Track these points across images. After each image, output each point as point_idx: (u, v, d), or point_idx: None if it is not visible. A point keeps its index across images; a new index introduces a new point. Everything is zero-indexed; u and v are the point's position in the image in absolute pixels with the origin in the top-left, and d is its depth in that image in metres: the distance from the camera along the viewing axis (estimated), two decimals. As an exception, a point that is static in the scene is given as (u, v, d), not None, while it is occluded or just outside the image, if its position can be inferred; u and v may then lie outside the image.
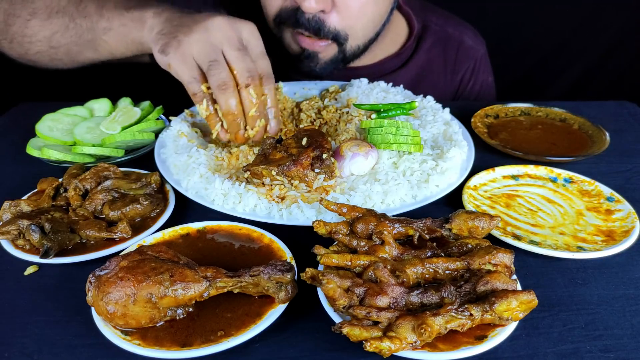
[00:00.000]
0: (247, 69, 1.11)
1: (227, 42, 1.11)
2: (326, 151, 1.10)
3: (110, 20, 1.25)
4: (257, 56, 1.15)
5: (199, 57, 1.11)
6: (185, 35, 1.10)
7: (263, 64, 1.15)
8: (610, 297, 0.89)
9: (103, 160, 1.23)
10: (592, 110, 1.56)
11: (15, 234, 0.95)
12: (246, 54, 1.12)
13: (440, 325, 0.73)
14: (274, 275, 0.80)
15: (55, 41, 1.33)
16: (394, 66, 1.75)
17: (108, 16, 1.26)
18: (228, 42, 1.11)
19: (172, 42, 1.11)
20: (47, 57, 1.37)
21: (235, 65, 1.11)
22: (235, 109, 1.13)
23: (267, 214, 1.03)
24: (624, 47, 2.64)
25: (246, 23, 1.15)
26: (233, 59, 1.11)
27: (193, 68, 1.12)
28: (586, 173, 1.21)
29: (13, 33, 1.35)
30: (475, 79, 1.84)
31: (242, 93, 1.13)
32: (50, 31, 1.32)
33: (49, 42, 1.33)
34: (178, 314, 0.80)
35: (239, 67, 1.11)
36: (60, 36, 1.32)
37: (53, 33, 1.32)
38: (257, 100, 1.14)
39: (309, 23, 1.38)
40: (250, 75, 1.12)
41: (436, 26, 1.78)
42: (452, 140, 1.24)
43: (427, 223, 0.92)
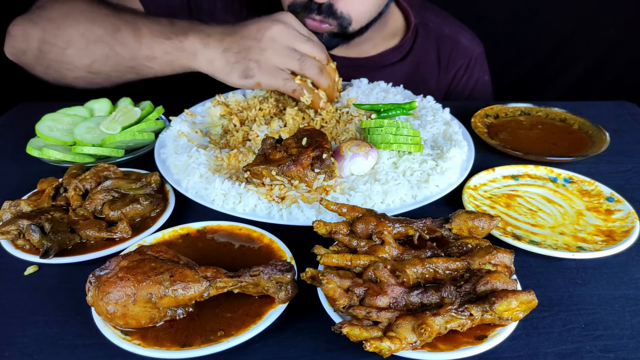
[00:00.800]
0: (322, 51, 1.31)
1: (295, 40, 1.26)
2: (326, 151, 1.10)
3: (152, 49, 1.26)
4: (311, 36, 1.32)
5: (284, 65, 1.25)
6: (260, 55, 1.23)
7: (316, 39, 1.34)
8: (610, 297, 0.89)
9: (103, 160, 1.23)
10: (592, 110, 1.56)
11: (15, 234, 0.95)
12: (314, 41, 1.30)
13: (440, 325, 0.73)
14: (274, 275, 0.80)
15: (96, 69, 1.34)
16: (394, 59, 1.78)
17: (148, 45, 1.27)
18: (296, 40, 1.26)
19: (251, 64, 1.22)
20: (85, 81, 1.38)
21: (314, 54, 1.29)
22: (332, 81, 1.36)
23: (267, 214, 1.03)
24: (624, 47, 2.64)
25: (285, 15, 1.29)
26: (309, 50, 1.28)
27: (282, 74, 1.26)
28: (586, 173, 1.21)
29: (49, 60, 1.35)
30: (469, 75, 1.86)
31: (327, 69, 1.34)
32: (89, 59, 1.32)
33: (88, 69, 1.34)
34: (178, 314, 0.80)
35: (317, 53, 1.30)
36: (100, 65, 1.32)
37: (93, 62, 1.32)
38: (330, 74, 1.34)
39: (321, 9, 1.49)
40: (325, 55, 1.33)
41: (433, 24, 1.82)
42: (452, 140, 1.24)
43: (427, 223, 0.92)
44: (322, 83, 1.32)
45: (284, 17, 1.28)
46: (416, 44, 1.79)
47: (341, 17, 1.49)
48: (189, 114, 1.39)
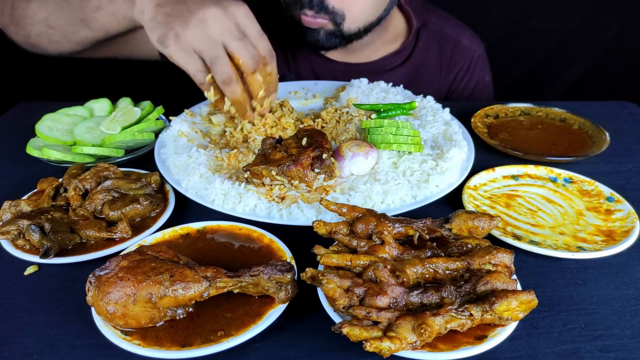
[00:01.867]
0: (251, 56, 1.15)
1: (227, 33, 1.12)
2: (326, 151, 1.10)
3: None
4: (255, 38, 1.17)
5: (200, 51, 1.13)
6: (182, 29, 1.11)
7: (263, 44, 1.18)
8: (610, 297, 0.89)
9: (103, 160, 1.23)
10: (592, 110, 1.56)
11: (15, 234, 0.95)
12: (247, 41, 1.14)
13: (440, 325, 0.73)
14: (274, 275, 0.80)
15: (52, 21, 1.34)
16: (394, 63, 1.78)
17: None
18: (228, 33, 1.12)
19: (170, 34, 1.12)
20: (46, 39, 1.39)
21: (239, 55, 1.14)
22: (240, 97, 1.19)
23: (267, 214, 1.03)
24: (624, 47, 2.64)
25: (239, 6, 1.16)
26: (236, 50, 1.13)
27: (196, 61, 1.14)
28: (586, 173, 1.21)
29: (18, 16, 1.38)
30: (470, 76, 1.86)
31: (248, 79, 1.18)
32: (47, 12, 1.34)
33: (46, 22, 1.35)
34: (178, 314, 0.80)
35: (243, 56, 1.14)
36: (56, 16, 1.33)
37: (50, 13, 1.33)
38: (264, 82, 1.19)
39: (312, 3, 1.47)
40: (254, 61, 1.16)
41: (435, 25, 1.81)
42: (452, 140, 1.24)
43: (427, 223, 0.92)
44: (225, 92, 1.17)
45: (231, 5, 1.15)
46: (417, 47, 1.79)
47: (333, 12, 1.49)
48: (189, 114, 1.39)
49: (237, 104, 1.21)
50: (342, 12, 1.50)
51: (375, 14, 1.57)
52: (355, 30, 1.56)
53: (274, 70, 1.23)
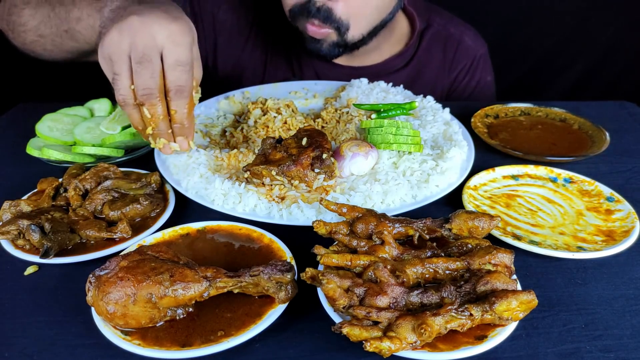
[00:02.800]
0: (142, 86, 1.01)
1: (133, 50, 1.00)
2: (326, 151, 1.10)
3: (81, 10, 1.22)
4: (169, 67, 1.02)
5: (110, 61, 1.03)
6: (105, 35, 1.03)
7: (173, 76, 1.02)
8: (610, 297, 0.89)
9: (103, 160, 1.23)
10: (592, 110, 1.56)
11: (15, 234, 0.95)
12: (146, 67, 1.00)
13: (440, 325, 0.73)
14: (274, 275, 0.80)
15: (41, 31, 1.32)
16: (398, 65, 1.78)
17: (79, 5, 1.22)
18: (133, 50, 1.00)
19: (101, 39, 1.05)
20: (39, 47, 1.37)
21: (134, 79, 1.02)
22: (138, 124, 1.08)
23: (267, 214, 1.03)
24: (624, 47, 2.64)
25: (167, 24, 1.01)
26: (133, 72, 1.02)
27: (109, 71, 1.05)
28: (586, 173, 1.21)
29: (12, 22, 1.37)
30: (471, 76, 1.85)
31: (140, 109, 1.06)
32: (37, 21, 1.32)
33: (36, 31, 1.33)
34: (178, 314, 0.80)
35: (135, 83, 1.02)
36: (44, 26, 1.31)
37: (39, 22, 1.32)
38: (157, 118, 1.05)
39: (319, 12, 1.45)
40: (144, 93, 1.02)
41: (439, 25, 1.81)
42: (452, 140, 1.24)
43: (427, 223, 0.92)
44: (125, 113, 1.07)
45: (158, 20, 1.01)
46: (420, 48, 1.79)
47: (339, 21, 1.47)
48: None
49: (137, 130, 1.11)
50: (347, 22, 1.48)
51: (379, 18, 1.56)
52: (359, 37, 1.55)
53: (179, 109, 1.06)
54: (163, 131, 1.08)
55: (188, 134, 1.11)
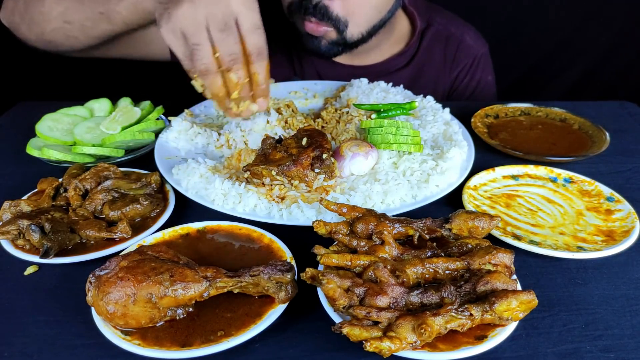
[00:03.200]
0: (228, 52, 1.06)
1: (212, 19, 1.03)
2: (326, 151, 1.10)
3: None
4: (247, 31, 1.07)
5: (186, 34, 1.06)
6: (174, 8, 1.05)
7: (252, 40, 1.07)
8: (610, 297, 0.89)
9: (103, 160, 1.23)
10: (592, 110, 1.56)
11: (15, 234, 0.95)
12: (230, 34, 1.05)
13: (440, 325, 0.73)
14: (274, 275, 0.80)
15: (69, 16, 1.33)
16: (399, 64, 1.78)
17: None
18: (213, 20, 1.03)
19: (164, 13, 1.07)
20: (62, 34, 1.37)
21: (218, 47, 1.05)
22: (219, 91, 1.11)
23: (267, 214, 1.03)
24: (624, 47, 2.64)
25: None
26: (216, 41, 1.05)
27: (184, 44, 1.07)
28: (586, 173, 1.21)
29: (31, 13, 1.37)
30: (472, 76, 1.85)
31: (226, 76, 1.10)
32: (63, 6, 1.32)
33: (63, 17, 1.33)
34: (178, 314, 0.80)
35: (221, 50, 1.05)
36: (73, 11, 1.32)
37: (66, 8, 1.32)
38: (242, 81, 1.10)
39: (315, 9, 1.44)
40: (231, 59, 1.07)
41: (439, 25, 1.81)
42: (452, 140, 1.24)
43: (427, 223, 0.92)
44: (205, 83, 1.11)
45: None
46: (421, 47, 1.78)
47: (337, 19, 1.47)
48: (189, 114, 1.39)
49: (216, 98, 1.14)
50: (345, 19, 1.48)
51: (378, 17, 1.56)
52: (358, 36, 1.55)
53: (260, 71, 1.11)
54: (246, 94, 1.13)
55: (266, 95, 1.16)
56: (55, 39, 1.39)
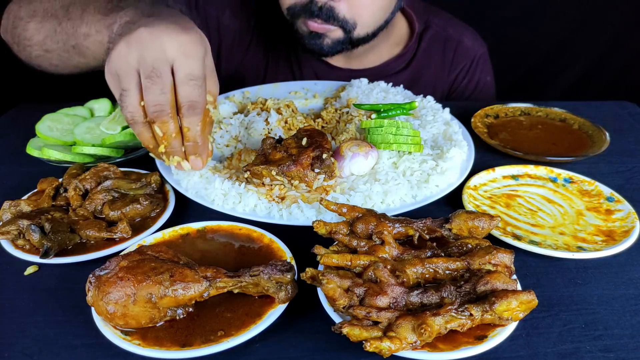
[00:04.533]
0: (152, 103, 0.95)
1: (142, 65, 0.95)
2: (326, 151, 1.10)
3: (89, 26, 1.16)
4: (180, 81, 0.96)
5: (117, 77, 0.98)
6: (112, 50, 0.98)
7: (185, 91, 0.96)
8: (610, 297, 0.89)
9: (103, 160, 1.23)
10: (592, 110, 1.56)
11: (15, 234, 0.95)
12: (156, 82, 0.94)
13: (440, 325, 0.73)
14: (274, 275, 0.80)
15: (47, 45, 1.28)
16: (397, 67, 1.77)
17: (87, 20, 1.17)
18: (142, 65, 0.95)
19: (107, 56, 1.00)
20: (45, 61, 1.33)
21: (144, 95, 0.96)
22: (149, 143, 1.02)
23: (267, 214, 1.03)
24: (624, 47, 2.64)
25: (176, 36, 0.95)
26: (143, 88, 0.96)
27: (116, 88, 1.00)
28: (586, 173, 1.21)
29: (17, 35, 1.34)
30: (470, 77, 1.85)
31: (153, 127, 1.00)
32: (43, 35, 1.27)
33: (42, 46, 1.29)
34: (178, 314, 0.80)
35: (145, 99, 0.96)
36: (50, 41, 1.26)
37: (45, 37, 1.27)
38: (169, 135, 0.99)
39: (321, 12, 1.43)
40: (154, 110, 0.96)
41: (437, 27, 1.81)
42: (452, 140, 1.24)
43: (427, 223, 0.92)
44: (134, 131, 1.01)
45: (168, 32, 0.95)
46: (420, 49, 1.78)
47: (344, 21, 1.46)
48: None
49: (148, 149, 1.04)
50: (353, 20, 1.47)
51: (384, 16, 1.55)
52: (364, 35, 1.54)
53: (192, 127, 0.99)
54: (176, 149, 1.01)
55: (202, 152, 1.03)
56: (41, 64, 1.35)
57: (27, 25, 1.30)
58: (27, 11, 1.31)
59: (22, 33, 1.32)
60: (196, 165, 1.04)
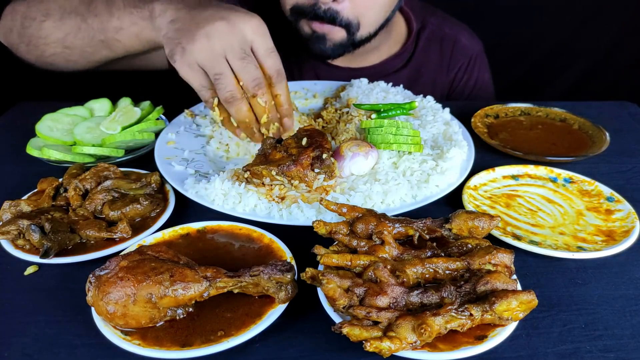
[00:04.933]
0: (252, 78, 1.11)
1: (230, 50, 1.09)
2: (326, 151, 1.10)
3: (121, 19, 1.25)
4: (263, 56, 1.13)
5: (205, 66, 1.11)
6: (188, 43, 1.10)
7: (270, 62, 1.14)
8: (610, 297, 0.89)
9: (103, 160, 1.23)
10: (592, 110, 1.56)
11: (15, 234, 0.95)
12: (250, 61, 1.11)
13: (440, 325, 0.73)
14: (274, 275, 0.80)
15: (69, 42, 1.33)
16: (396, 66, 1.77)
17: (118, 15, 1.25)
18: (231, 50, 1.09)
19: (177, 48, 1.11)
20: (62, 58, 1.37)
21: (240, 75, 1.11)
22: (246, 117, 1.17)
23: (267, 214, 1.03)
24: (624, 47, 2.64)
25: (248, 20, 1.11)
26: (237, 69, 1.11)
27: (201, 76, 1.13)
28: (586, 173, 1.21)
29: (29, 35, 1.36)
30: (469, 75, 1.85)
31: (252, 101, 1.15)
32: (63, 32, 1.32)
33: (62, 42, 1.33)
34: (178, 314, 0.80)
35: (244, 77, 1.11)
36: (73, 37, 1.32)
37: (66, 34, 1.32)
38: (269, 105, 1.16)
39: (325, 14, 1.44)
40: (256, 84, 1.12)
41: (434, 26, 1.81)
42: (452, 140, 1.24)
43: (427, 223, 0.92)
44: (230, 111, 1.17)
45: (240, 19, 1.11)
46: (418, 48, 1.78)
47: (348, 21, 1.46)
48: (189, 114, 1.39)
49: (243, 125, 1.19)
50: (357, 20, 1.47)
51: (385, 15, 1.56)
52: (366, 35, 1.55)
53: (282, 92, 1.18)
54: (274, 116, 1.18)
55: (291, 114, 1.21)
56: (56, 62, 1.39)
57: (43, 25, 1.33)
58: (40, 10, 1.33)
59: (37, 32, 1.34)
60: (290, 126, 1.23)
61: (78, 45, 1.33)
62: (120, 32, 1.26)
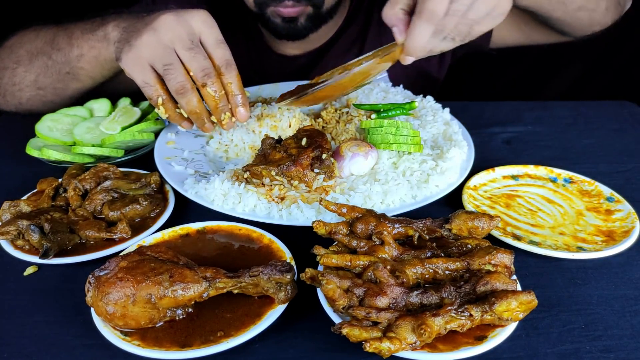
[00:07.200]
0: (200, 68, 1.10)
1: (178, 41, 1.08)
2: (326, 151, 1.10)
3: (81, 47, 1.27)
4: (212, 46, 1.12)
5: (152, 61, 1.09)
6: (135, 39, 1.09)
7: (220, 53, 1.12)
8: (610, 297, 0.89)
9: (103, 161, 1.23)
10: (592, 110, 1.56)
11: (15, 234, 0.95)
12: (198, 52, 1.10)
13: (440, 326, 0.73)
14: (274, 276, 0.80)
15: (40, 82, 1.35)
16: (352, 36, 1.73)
17: (77, 43, 1.27)
18: (179, 41, 1.08)
19: (125, 47, 1.11)
20: (38, 101, 1.40)
21: (189, 66, 1.10)
22: (197, 108, 1.14)
23: (266, 214, 1.03)
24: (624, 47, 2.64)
25: (196, 13, 1.11)
26: (186, 60, 1.09)
27: (146, 72, 1.10)
28: (586, 173, 1.21)
29: (4, 85, 1.39)
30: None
31: (202, 92, 1.13)
32: (34, 74, 1.35)
33: (35, 85, 1.36)
34: (177, 314, 0.80)
35: (192, 67, 1.09)
36: (43, 76, 1.34)
37: (37, 75, 1.35)
38: (219, 94, 1.13)
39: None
40: (205, 74, 1.10)
41: None
42: (451, 140, 1.24)
43: (427, 223, 0.92)
44: (181, 103, 1.14)
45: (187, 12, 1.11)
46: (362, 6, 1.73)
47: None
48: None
49: (194, 116, 1.16)
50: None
51: None
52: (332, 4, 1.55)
53: (233, 81, 1.14)
54: (225, 105, 1.15)
55: (244, 103, 1.17)
56: (33, 106, 1.41)
57: (15, 72, 1.36)
58: (11, 59, 1.37)
59: (10, 80, 1.38)
60: (244, 116, 1.18)
61: (49, 84, 1.35)
62: (81, 59, 1.28)
